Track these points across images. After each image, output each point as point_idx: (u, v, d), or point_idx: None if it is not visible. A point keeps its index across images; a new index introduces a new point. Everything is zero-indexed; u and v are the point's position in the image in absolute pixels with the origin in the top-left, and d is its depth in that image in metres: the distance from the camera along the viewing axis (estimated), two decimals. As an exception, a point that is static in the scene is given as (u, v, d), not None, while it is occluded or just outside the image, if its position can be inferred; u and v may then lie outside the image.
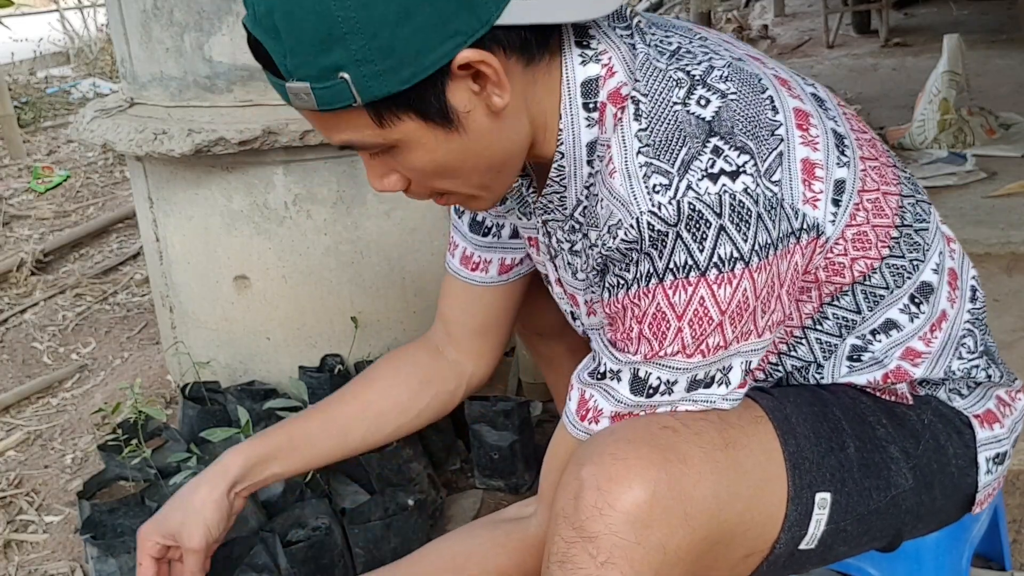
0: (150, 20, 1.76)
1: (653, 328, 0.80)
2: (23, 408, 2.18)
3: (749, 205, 0.77)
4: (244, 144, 1.66)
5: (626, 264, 0.81)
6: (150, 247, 2.00)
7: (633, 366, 0.83)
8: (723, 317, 0.79)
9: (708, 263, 0.77)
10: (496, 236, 1.14)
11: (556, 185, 0.90)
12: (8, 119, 4.72)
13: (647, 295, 0.80)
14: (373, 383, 1.18)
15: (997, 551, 1.37)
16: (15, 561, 1.63)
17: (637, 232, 0.78)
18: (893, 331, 0.94)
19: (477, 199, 0.90)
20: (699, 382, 0.83)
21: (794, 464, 0.87)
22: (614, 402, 0.85)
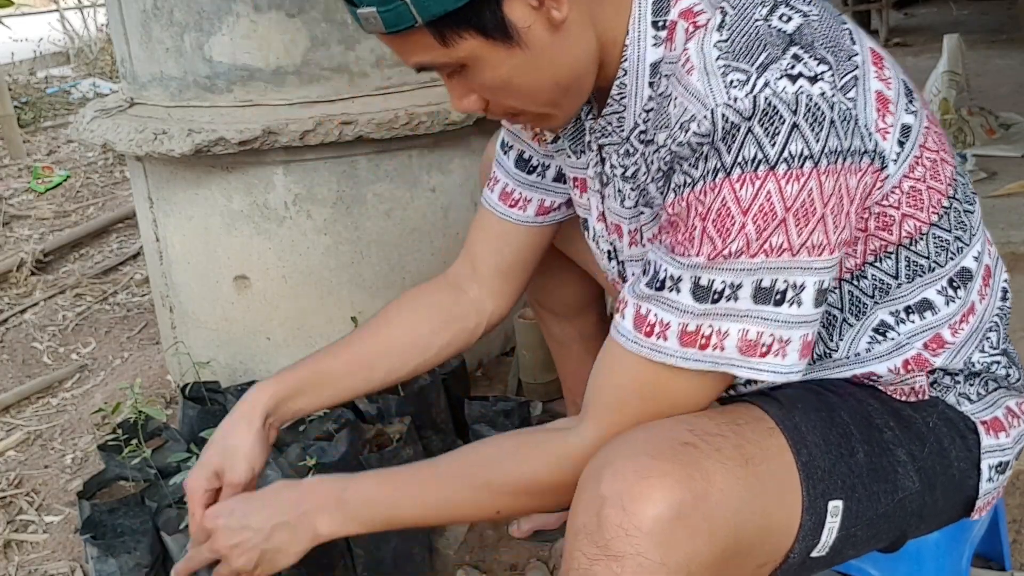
0: (150, 20, 1.76)
1: (717, 224, 0.79)
2: (23, 408, 2.19)
3: (824, 109, 0.77)
4: (244, 144, 1.66)
5: (695, 160, 0.79)
6: (150, 247, 2.00)
7: (695, 272, 0.81)
8: (787, 214, 0.77)
9: (778, 158, 0.76)
10: (540, 176, 1.15)
11: (616, 104, 0.91)
12: (8, 119, 4.73)
13: (713, 190, 0.78)
14: (394, 322, 1.18)
15: (997, 551, 1.37)
16: (15, 561, 1.63)
17: (711, 124, 0.77)
18: (928, 313, 0.93)
19: (549, 118, 0.91)
20: (767, 292, 0.81)
21: (807, 474, 0.87)
22: (678, 313, 0.83)
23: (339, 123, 1.68)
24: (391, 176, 1.83)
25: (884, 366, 0.96)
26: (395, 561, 1.38)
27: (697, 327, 0.83)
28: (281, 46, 1.71)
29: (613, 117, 0.92)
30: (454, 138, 1.87)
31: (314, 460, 1.48)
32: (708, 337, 0.82)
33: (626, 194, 0.97)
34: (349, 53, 1.74)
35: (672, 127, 0.81)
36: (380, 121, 1.70)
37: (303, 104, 1.74)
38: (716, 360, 0.83)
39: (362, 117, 1.69)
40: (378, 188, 1.82)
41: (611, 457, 0.81)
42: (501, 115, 0.92)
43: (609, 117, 0.93)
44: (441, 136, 1.84)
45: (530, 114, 0.91)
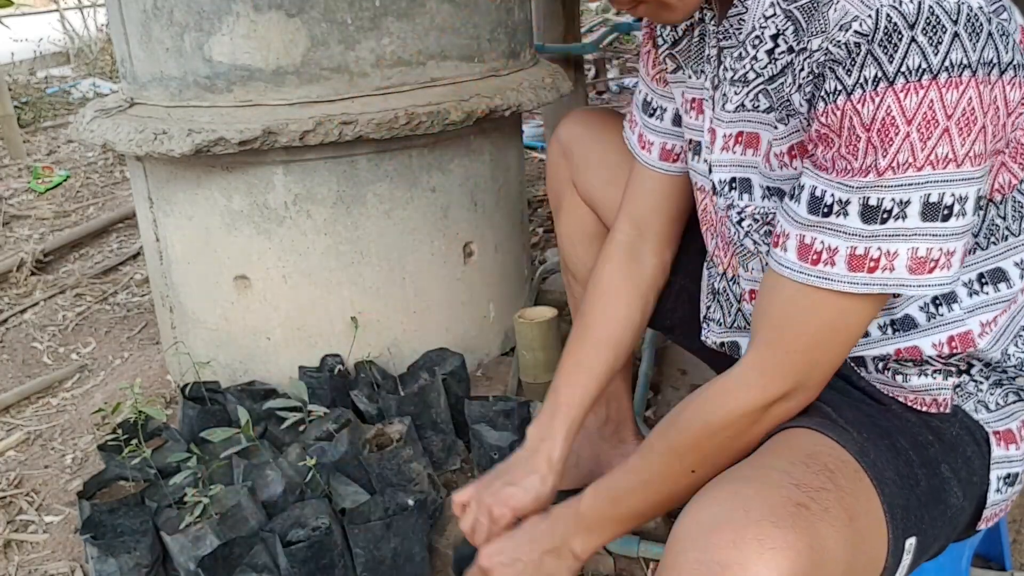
0: (150, 20, 1.76)
1: (881, 135, 0.79)
2: (23, 408, 2.18)
3: (983, 21, 0.77)
4: (244, 144, 1.66)
5: (850, 65, 0.79)
6: (150, 247, 2.00)
7: (863, 192, 0.81)
8: (949, 123, 0.78)
9: (940, 67, 0.76)
10: (660, 119, 1.19)
11: (740, 6, 0.93)
12: (8, 119, 4.72)
13: (873, 99, 0.78)
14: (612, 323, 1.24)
15: (997, 551, 1.37)
16: (15, 561, 1.63)
17: (873, 23, 0.77)
18: (1002, 284, 0.94)
19: (669, 8, 0.93)
20: (935, 208, 0.80)
21: (892, 515, 0.87)
22: (846, 237, 0.83)
23: (339, 123, 1.68)
24: (391, 176, 1.83)
25: (929, 340, 0.95)
26: (395, 561, 1.38)
27: (866, 250, 0.83)
28: (281, 46, 1.71)
29: (735, 19, 0.94)
30: (454, 138, 1.87)
31: (314, 460, 1.48)
32: (877, 260, 0.83)
33: (731, 97, 0.98)
34: (349, 53, 1.74)
35: (830, 30, 0.81)
36: (380, 121, 1.70)
37: (303, 104, 1.74)
38: (886, 282, 0.83)
39: (362, 117, 1.69)
40: (378, 188, 1.82)
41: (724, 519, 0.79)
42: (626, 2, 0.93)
43: (732, 19, 0.94)
44: (441, 136, 1.84)
45: (653, 1, 0.92)
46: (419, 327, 1.94)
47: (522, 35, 2.02)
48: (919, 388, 0.97)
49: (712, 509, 0.81)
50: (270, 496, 1.51)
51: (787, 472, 0.84)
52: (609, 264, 1.26)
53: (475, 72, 1.89)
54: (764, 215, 0.98)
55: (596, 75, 5.63)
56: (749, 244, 1.02)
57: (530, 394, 1.96)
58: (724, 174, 1.02)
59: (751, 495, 0.81)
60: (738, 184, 1.01)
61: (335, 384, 1.82)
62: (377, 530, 1.37)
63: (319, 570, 1.35)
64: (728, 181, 1.02)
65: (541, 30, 3.35)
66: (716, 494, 0.83)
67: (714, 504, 0.82)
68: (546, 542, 1.12)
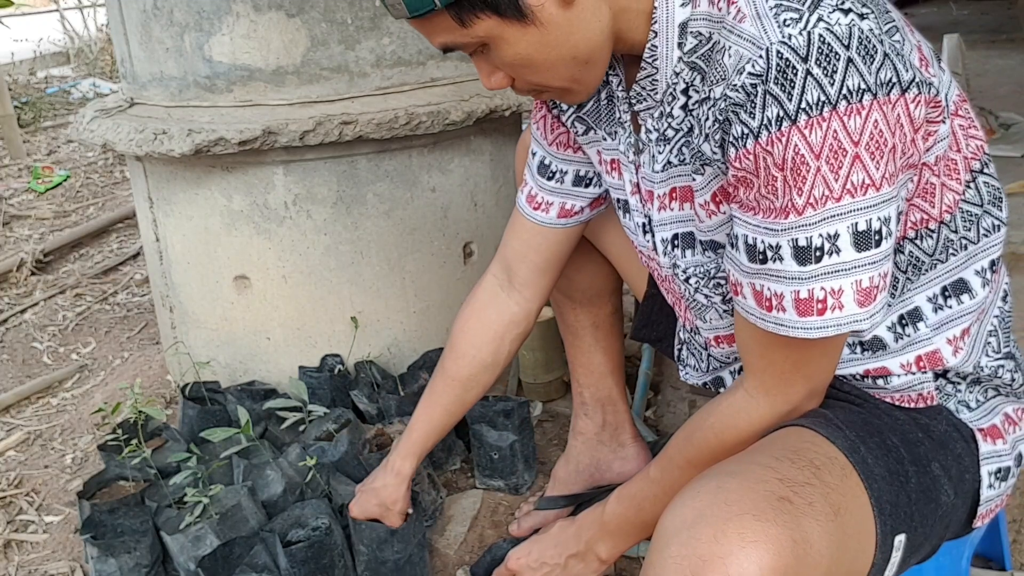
0: (150, 20, 1.76)
1: (794, 174, 0.78)
2: (23, 408, 2.18)
3: (875, 43, 0.77)
4: (244, 144, 1.66)
5: (751, 107, 0.79)
6: (150, 247, 2.00)
7: (789, 235, 0.81)
8: (858, 149, 0.77)
9: (838, 96, 0.76)
10: (559, 182, 1.20)
11: (649, 67, 0.92)
12: (8, 119, 4.73)
13: (780, 139, 0.78)
14: (461, 361, 1.33)
15: (997, 551, 1.37)
16: (15, 561, 1.63)
17: (765, 63, 0.77)
18: (964, 296, 0.94)
19: (571, 92, 0.94)
20: (865, 236, 0.80)
21: (880, 511, 0.87)
22: (787, 281, 0.83)
23: (339, 123, 1.68)
24: (391, 176, 1.83)
25: (897, 361, 0.96)
26: (395, 561, 1.38)
27: (810, 292, 0.83)
28: (281, 46, 1.71)
29: (647, 80, 0.93)
30: (454, 138, 1.87)
31: (314, 460, 1.48)
32: (823, 300, 0.83)
33: (657, 158, 0.98)
34: (349, 53, 1.74)
35: (729, 76, 0.81)
36: (380, 121, 1.70)
37: (303, 104, 1.74)
38: (839, 322, 0.83)
39: (362, 117, 1.69)
40: (378, 188, 1.82)
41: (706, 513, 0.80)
42: (527, 91, 0.94)
43: (643, 81, 0.94)
44: (441, 136, 1.84)
45: (554, 89, 0.94)
46: (419, 327, 1.94)
47: (522, 35, 2.02)
48: (901, 387, 0.98)
49: (695, 504, 0.82)
50: (270, 496, 1.51)
51: (771, 467, 0.84)
52: (470, 306, 1.34)
53: (475, 72, 1.89)
54: (707, 271, 1.00)
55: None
56: (701, 299, 1.04)
57: (530, 394, 1.96)
58: (666, 232, 1.02)
59: (733, 489, 0.81)
60: (680, 240, 1.01)
61: (335, 384, 1.82)
62: (377, 530, 1.37)
63: (319, 570, 1.35)
64: (670, 239, 1.03)
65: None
66: (700, 489, 0.84)
67: (697, 499, 0.82)
68: (572, 546, 1.17)
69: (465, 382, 1.34)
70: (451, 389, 1.35)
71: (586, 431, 1.52)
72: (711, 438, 0.99)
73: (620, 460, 1.52)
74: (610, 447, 1.52)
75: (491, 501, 1.63)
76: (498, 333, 1.32)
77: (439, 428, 1.37)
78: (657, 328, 1.33)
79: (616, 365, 1.49)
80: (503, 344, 1.32)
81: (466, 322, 1.34)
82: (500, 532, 1.56)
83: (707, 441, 0.99)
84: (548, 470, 1.65)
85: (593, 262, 1.40)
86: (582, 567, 1.17)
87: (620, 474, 1.52)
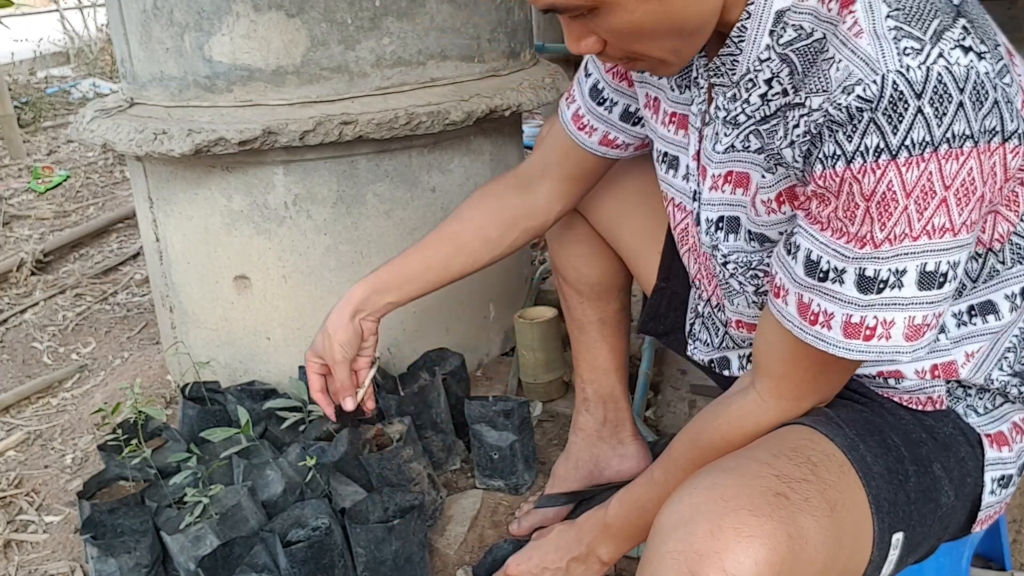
0: (150, 20, 1.76)
1: (880, 208, 0.77)
2: (23, 408, 2.18)
3: (988, 88, 0.75)
4: (244, 144, 1.66)
5: (851, 131, 0.76)
6: (150, 247, 2.00)
7: (859, 263, 0.80)
8: (947, 193, 0.76)
9: (942, 138, 0.74)
10: (608, 110, 1.17)
11: (733, 47, 0.89)
12: (8, 119, 4.72)
13: (875, 171, 0.76)
14: (466, 223, 1.27)
15: (997, 551, 1.37)
16: (15, 561, 1.63)
17: (878, 90, 0.74)
18: (991, 317, 0.94)
19: (666, 64, 0.90)
20: (930, 277, 0.80)
21: (877, 508, 0.87)
22: (842, 304, 0.82)
23: (339, 123, 1.68)
24: (391, 176, 1.83)
25: (912, 367, 0.95)
26: (395, 561, 1.38)
27: (862, 318, 0.82)
28: (281, 46, 1.71)
29: (728, 59, 0.91)
30: (454, 138, 1.87)
31: (314, 460, 1.48)
32: (873, 328, 0.82)
33: (720, 138, 0.96)
34: (349, 53, 1.74)
35: (832, 91, 0.78)
36: (380, 121, 1.70)
37: (303, 104, 1.74)
38: (881, 350, 0.83)
39: (362, 117, 1.69)
40: (378, 188, 1.82)
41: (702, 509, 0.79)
42: (617, 58, 0.90)
43: (724, 58, 0.91)
44: (441, 136, 1.84)
45: (650, 59, 0.89)
46: (419, 327, 1.94)
47: (522, 35, 2.02)
48: (911, 389, 0.98)
49: (691, 500, 0.82)
50: (270, 496, 1.51)
51: (768, 463, 0.84)
52: (494, 183, 1.29)
53: (475, 72, 1.89)
54: (749, 261, 0.98)
55: (596, 75, 5.62)
56: (735, 284, 1.03)
57: (530, 394, 1.96)
58: (712, 213, 1.00)
59: (729, 485, 0.81)
60: (725, 224, 0.99)
61: (335, 384, 1.82)
62: (378, 530, 1.37)
63: (319, 570, 1.35)
64: (715, 221, 1.00)
65: (541, 30, 3.35)
66: (696, 485, 0.84)
67: (693, 495, 0.82)
68: (573, 549, 1.16)
69: (459, 245, 1.26)
70: (440, 245, 1.27)
71: (587, 427, 1.52)
72: (717, 440, 0.99)
73: (620, 458, 1.52)
74: (610, 444, 1.52)
75: (491, 501, 1.63)
76: (513, 216, 1.26)
77: (410, 274, 1.28)
78: (664, 322, 1.32)
79: (620, 363, 1.49)
80: (513, 229, 1.26)
81: (485, 194, 1.28)
82: (500, 532, 1.56)
83: (712, 443, 0.99)
84: (548, 470, 1.65)
85: (604, 257, 1.39)
86: (583, 570, 1.16)
87: (619, 472, 1.52)
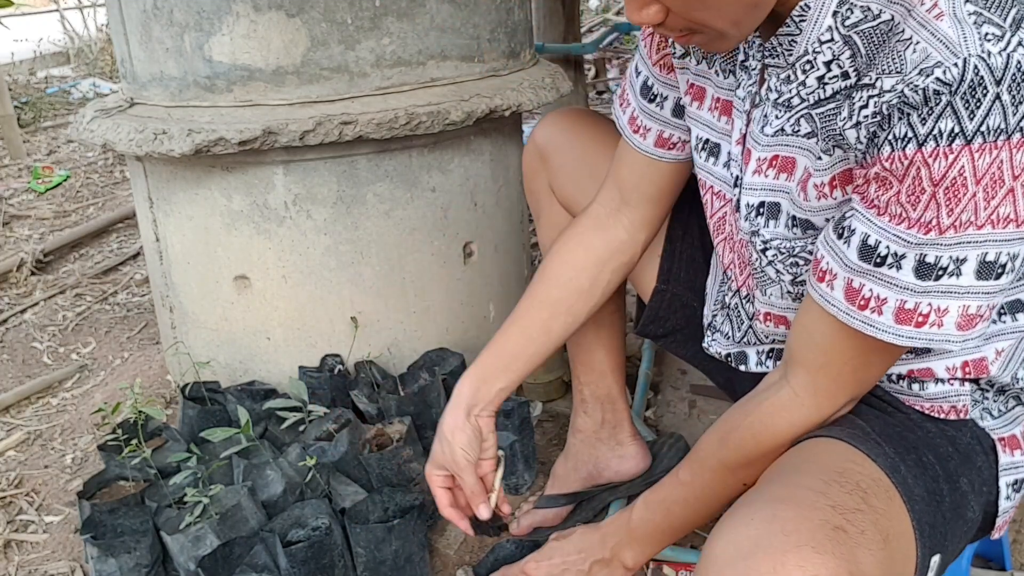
0: (150, 20, 1.76)
1: (948, 194, 0.76)
2: (23, 408, 2.18)
3: None
4: (244, 144, 1.66)
5: (926, 114, 0.75)
6: (150, 247, 2.00)
7: (920, 249, 0.79)
8: (1015, 183, 0.75)
9: (1016, 126, 0.74)
10: (659, 106, 1.14)
11: (793, 26, 0.87)
12: (8, 119, 4.72)
13: (947, 155, 0.75)
14: (553, 281, 1.22)
15: (997, 551, 1.37)
16: (15, 561, 1.63)
17: (958, 73, 0.73)
18: (1020, 315, 0.93)
19: (725, 38, 0.87)
20: (990, 267, 0.79)
21: (920, 534, 0.87)
22: (896, 290, 0.81)
23: (339, 123, 1.68)
24: (391, 176, 1.83)
25: (943, 364, 0.95)
26: (395, 561, 1.38)
27: (916, 304, 0.81)
28: (281, 46, 1.71)
29: (786, 39, 0.89)
30: (454, 138, 1.87)
31: (314, 460, 1.48)
32: (926, 316, 0.82)
33: (771, 120, 0.95)
34: (349, 53, 1.74)
35: (907, 72, 0.77)
36: (380, 121, 1.70)
37: (303, 104, 1.74)
38: (931, 337, 0.82)
39: (362, 117, 1.69)
40: (378, 188, 1.82)
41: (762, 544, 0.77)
42: (677, 29, 0.87)
43: (781, 38, 0.89)
44: (441, 136, 1.84)
45: (711, 31, 0.86)
46: (419, 327, 1.94)
47: (522, 35, 2.02)
48: (936, 396, 0.97)
49: (748, 532, 0.79)
50: (270, 496, 1.51)
51: (823, 493, 0.82)
52: (571, 229, 1.24)
53: (475, 72, 1.89)
54: (791, 248, 0.96)
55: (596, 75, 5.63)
56: (771, 272, 1.01)
57: (530, 394, 1.96)
58: (753, 198, 0.99)
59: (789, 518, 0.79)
60: (766, 209, 0.97)
61: (335, 384, 1.82)
62: (378, 531, 1.37)
63: (319, 570, 1.35)
64: (756, 206, 0.99)
65: (541, 30, 3.35)
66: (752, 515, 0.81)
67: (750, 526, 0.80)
68: (596, 552, 1.14)
69: (554, 305, 1.21)
70: (535, 311, 1.21)
71: (585, 429, 1.52)
72: (747, 439, 0.97)
73: (618, 459, 1.52)
74: (609, 445, 1.52)
75: (491, 501, 1.63)
76: (600, 258, 1.21)
77: (514, 352, 1.21)
78: (665, 324, 1.32)
79: (617, 363, 1.48)
80: (604, 271, 1.21)
81: (565, 244, 1.22)
82: (500, 532, 1.56)
83: (743, 443, 0.97)
84: (548, 470, 1.65)
85: None
86: (606, 573, 1.14)
87: (619, 472, 1.52)
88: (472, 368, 1.22)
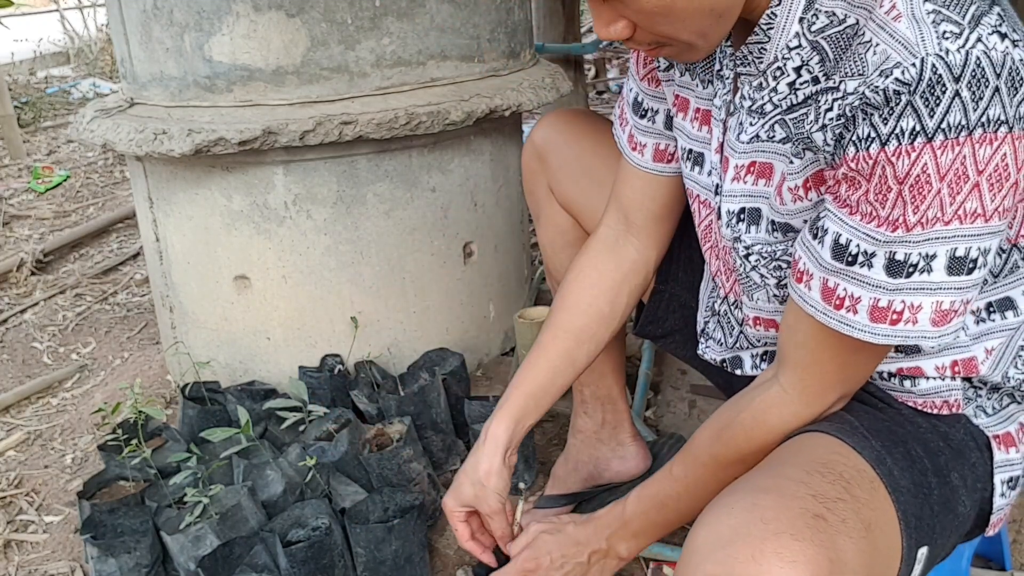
0: (150, 20, 1.76)
1: (913, 191, 0.77)
2: (23, 408, 2.18)
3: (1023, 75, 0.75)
4: (244, 144, 1.66)
5: (887, 113, 0.76)
6: (150, 247, 2.00)
7: (889, 247, 0.80)
8: (980, 178, 0.76)
9: (977, 122, 0.74)
10: (651, 120, 1.15)
11: (762, 35, 0.88)
12: (8, 119, 4.72)
13: (910, 153, 0.76)
14: (573, 310, 1.22)
15: (997, 551, 1.37)
16: (15, 561, 1.63)
17: (917, 73, 0.74)
18: (1009, 313, 0.93)
19: (694, 48, 0.88)
20: (960, 262, 0.79)
21: (906, 525, 0.87)
22: (869, 288, 0.82)
23: (339, 123, 1.68)
24: (391, 176, 1.83)
25: (932, 363, 0.95)
26: (395, 561, 1.38)
27: (889, 302, 0.82)
28: (281, 46, 1.71)
29: (755, 47, 0.90)
30: (454, 138, 1.87)
31: (314, 460, 1.48)
32: (900, 312, 0.82)
33: (745, 128, 0.96)
34: (349, 53, 1.74)
35: (869, 74, 0.78)
36: (380, 121, 1.70)
37: (303, 104, 1.74)
38: (907, 334, 0.83)
39: (362, 117, 1.69)
40: (378, 188, 1.82)
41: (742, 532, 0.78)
42: (646, 43, 0.88)
43: (751, 46, 0.90)
44: (441, 136, 1.84)
45: (678, 43, 0.87)
46: (419, 327, 1.94)
47: (522, 35, 2.02)
48: (928, 392, 0.97)
49: (729, 521, 0.80)
50: (270, 496, 1.51)
51: (804, 482, 0.83)
52: (583, 256, 1.25)
53: (475, 72, 1.89)
54: (772, 252, 0.97)
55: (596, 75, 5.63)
56: (756, 277, 1.02)
57: (530, 394, 1.95)
58: (734, 204, 1.00)
59: (769, 506, 0.79)
60: (747, 215, 0.99)
61: (335, 384, 1.82)
62: (378, 531, 1.37)
63: (319, 570, 1.35)
64: (737, 212, 1.00)
65: (541, 30, 3.35)
66: (732, 504, 0.82)
67: (731, 515, 0.80)
68: (592, 544, 1.15)
69: (577, 334, 1.21)
70: (559, 342, 1.21)
71: (585, 429, 1.52)
72: (740, 435, 0.98)
73: (619, 459, 1.52)
74: (609, 446, 1.52)
75: (491, 501, 1.63)
76: (616, 281, 1.22)
77: (543, 386, 1.21)
78: (663, 325, 1.32)
79: (616, 364, 1.48)
80: (620, 294, 1.22)
81: (580, 271, 1.23)
82: (500, 532, 1.56)
83: (735, 438, 0.98)
84: (548, 470, 1.65)
85: None
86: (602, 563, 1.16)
87: (619, 473, 1.52)
88: (504, 408, 1.20)
